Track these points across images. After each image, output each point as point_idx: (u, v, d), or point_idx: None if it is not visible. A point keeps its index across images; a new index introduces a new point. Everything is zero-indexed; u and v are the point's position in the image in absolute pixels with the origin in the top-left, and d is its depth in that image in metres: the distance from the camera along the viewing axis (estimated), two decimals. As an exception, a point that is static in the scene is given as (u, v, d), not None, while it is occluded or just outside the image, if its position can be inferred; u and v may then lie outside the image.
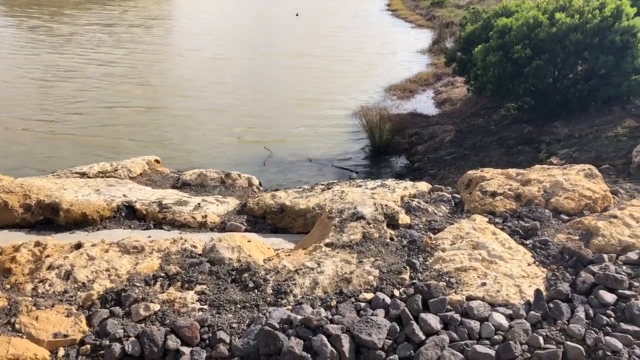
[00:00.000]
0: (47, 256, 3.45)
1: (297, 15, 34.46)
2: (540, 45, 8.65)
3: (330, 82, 16.53)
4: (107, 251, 3.49)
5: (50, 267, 3.31)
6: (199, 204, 4.71)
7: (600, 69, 8.56)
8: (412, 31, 29.13)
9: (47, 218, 4.48)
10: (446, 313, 2.75)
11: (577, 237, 3.46)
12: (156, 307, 2.93)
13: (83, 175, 5.50)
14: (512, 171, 4.48)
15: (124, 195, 4.75)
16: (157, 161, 6.14)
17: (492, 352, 2.52)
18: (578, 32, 8.35)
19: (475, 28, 12.04)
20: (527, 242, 3.48)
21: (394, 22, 33.67)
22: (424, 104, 14.19)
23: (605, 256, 3.18)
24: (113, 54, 19.80)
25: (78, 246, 3.58)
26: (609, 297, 2.81)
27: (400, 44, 24.49)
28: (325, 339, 2.58)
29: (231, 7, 42.25)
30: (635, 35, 8.12)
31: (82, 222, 4.41)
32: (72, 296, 3.08)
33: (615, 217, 3.56)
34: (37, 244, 3.59)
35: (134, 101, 13.86)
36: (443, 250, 3.36)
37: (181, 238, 3.69)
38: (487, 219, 3.78)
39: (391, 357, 2.56)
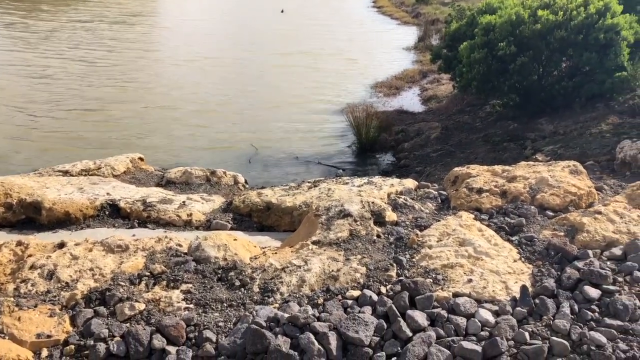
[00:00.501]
0: (30, 256, 3.40)
1: (282, 11, 34.35)
2: (524, 42, 8.70)
3: (316, 80, 16.51)
4: (90, 250, 3.44)
5: (32, 267, 3.26)
6: (184, 202, 4.67)
7: (584, 66, 8.64)
8: (398, 28, 29.18)
9: (29, 217, 4.42)
10: (433, 310, 2.75)
11: (562, 233, 3.48)
12: (141, 306, 2.90)
13: (66, 173, 5.43)
14: (498, 168, 4.50)
15: (108, 194, 4.70)
16: (141, 159, 6.08)
17: (479, 348, 2.52)
18: (562, 29, 8.41)
19: (460, 25, 12.08)
20: (513, 238, 3.49)
21: (379, 19, 33.69)
22: (410, 101, 14.22)
23: (590, 252, 3.20)
24: (95, 51, 19.59)
25: (61, 245, 3.53)
26: (594, 293, 2.83)
27: (386, 41, 24.51)
28: (312, 336, 2.57)
29: (215, 3, 42.02)
30: (618, 33, 8.19)
31: (65, 221, 4.35)
32: (55, 296, 3.03)
33: (599, 213, 3.59)
34: (19, 243, 3.54)
35: (117, 99, 13.72)
36: (430, 247, 3.37)
37: (166, 237, 3.65)
38: (473, 216, 3.79)
39: (378, 354, 2.55)
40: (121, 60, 18.09)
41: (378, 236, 3.56)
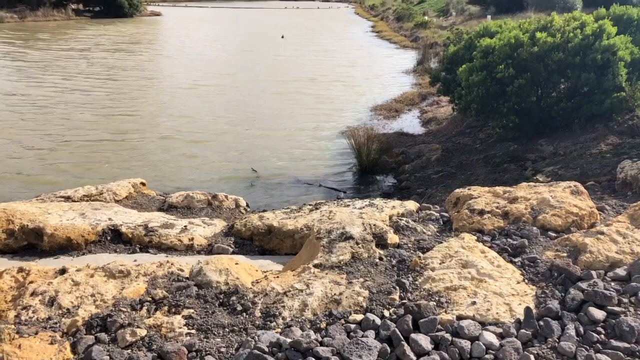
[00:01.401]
0: (31, 282, 3.38)
1: (282, 37, 34.73)
2: (522, 64, 8.77)
3: (316, 103, 16.61)
4: (92, 276, 3.43)
5: (33, 294, 3.24)
6: (185, 226, 4.66)
7: (582, 87, 8.69)
8: (397, 52, 29.47)
9: (31, 243, 4.41)
10: (437, 333, 2.73)
11: (565, 254, 3.47)
12: (143, 332, 2.88)
13: (68, 199, 5.43)
14: (499, 189, 4.50)
15: (110, 219, 4.70)
16: (143, 184, 6.09)
17: (484, 372, 2.50)
18: (560, 51, 8.48)
19: (458, 48, 12.20)
20: (516, 260, 3.47)
21: (378, 43, 34.05)
22: (409, 123, 14.28)
23: (594, 273, 3.18)
24: (94, 80, 19.78)
25: (62, 271, 3.52)
26: (599, 314, 2.81)
27: (385, 64, 24.74)
28: (315, 362, 2.54)
29: (215, 30, 42.51)
30: (615, 53, 8.27)
31: (67, 246, 4.34)
32: (56, 323, 3.01)
33: (602, 233, 3.58)
34: (20, 269, 3.52)
35: (118, 127, 13.80)
36: (432, 269, 3.35)
37: (168, 261, 3.64)
38: (475, 237, 3.78)
39: (382, 379, 2.52)
40: (121, 88, 18.25)
41: (380, 259, 3.55)
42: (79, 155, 11.27)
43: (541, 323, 2.77)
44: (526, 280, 3.24)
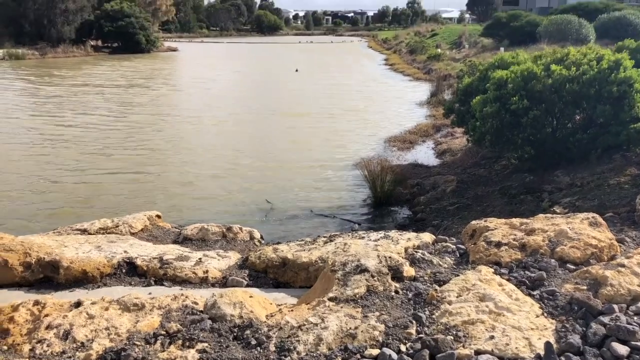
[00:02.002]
0: (46, 315, 3.39)
1: (296, 71, 35.19)
2: (537, 96, 8.78)
3: (330, 135, 16.71)
4: (107, 309, 3.42)
5: (48, 327, 3.24)
6: (200, 259, 4.66)
7: (598, 118, 8.65)
8: (410, 84, 29.68)
9: (47, 276, 4.43)
10: (455, 369, 2.67)
11: (585, 287, 3.40)
12: (156, 366, 2.85)
13: (84, 231, 5.47)
14: (516, 221, 4.45)
15: (125, 252, 4.71)
16: (158, 216, 6.13)
17: (504, 410, 2.43)
18: (574, 83, 8.48)
19: (472, 80, 12.25)
20: (534, 292, 3.41)
21: (392, 75, 34.36)
22: (424, 154, 14.28)
23: (616, 306, 3.11)
24: (112, 113, 20.14)
25: (77, 304, 3.52)
26: (622, 349, 2.73)
27: (398, 96, 24.91)
28: (330, 398, 2.49)
29: (230, 64, 43.24)
30: (631, 85, 8.25)
31: (83, 279, 4.35)
32: (70, 356, 3.00)
33: (623, 266, 3.51)
34: (36, 302, 3.53)
35: (135, 160, 13.97)
36: (449, 302, 3.30)
37: (182, 294, 3.63)
38: (492, 270, 3.72)
39: (399, 416, 2.46)
40: (137, 122, 18.54)
41: (396, 292, 3.50)
42: (96, 189, 11.39)
43: (562, 358, 2.70)
44: (545, 314, 3.17)
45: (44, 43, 47.13)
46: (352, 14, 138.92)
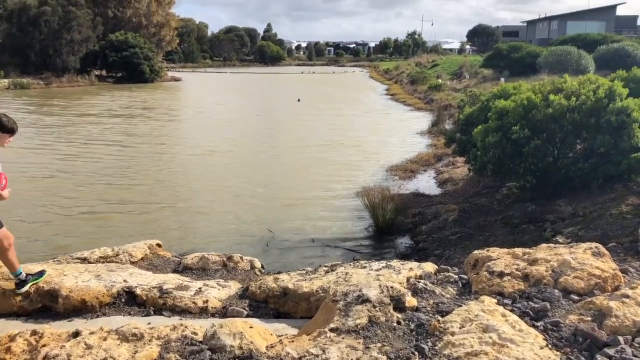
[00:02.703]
0: (43, 345, 3.35)
1: (299, 100, 35.46)
2: (538, 125, 8.82)
3: (331, 164, 16.76)
4: (105, 339, 3.38)
5: (45, 357, 3.20)
6: (200, 288, 4.62)
7: (598, 148, 8.68)
8: (411, 114, 29.88)
9: (46, 305, 4.39)
10: (458, 402, 2.62)
11: (589, 318, 3.36)
12: (154, 399, 2.80)
13: (84, 260, 5.45)
14: (519, 250, 4.42)
15: (125, 281, 4.68)
16: (158, 245, 6.10)
17: None
18: (574, 113, 8.53)
19: (473, 110, 12.33)
20: (538, 324, 3.37)
21: (393, 105, 34.62)
22: (425, 183, 14.28)
23: (621, 338, 3.07)
24: (109, 146, 20.27)
25: (76, 334, 3.48)
26: (628, 383, 2.68)
27: (399, 126, 25.05)
28: None
29: (233, 93, 43.64)
30: (629, 115, 8.29)
31: (81, 309, 4.32)
32: (66, 388, 2.95)
33: (627, 296, 3.47)
34: (34, 332, 3.50)
35: (136, 189, 13.99)
36: (452, 334, 3.25)
37: (181, 324, 3.59)
38: (495, 301, 3.68)
39: None
40: (136, 153, 18.62)
41: (398, 322, 3.46)
42: (96, 217, 11.38)
43: (568, 392, 2.65)
44: (550, 346, 3.13)
45: (49, 73, 47.69)
46: (353, 45, 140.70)
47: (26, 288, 4.42)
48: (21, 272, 4.50)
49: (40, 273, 4.59)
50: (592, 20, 56.14)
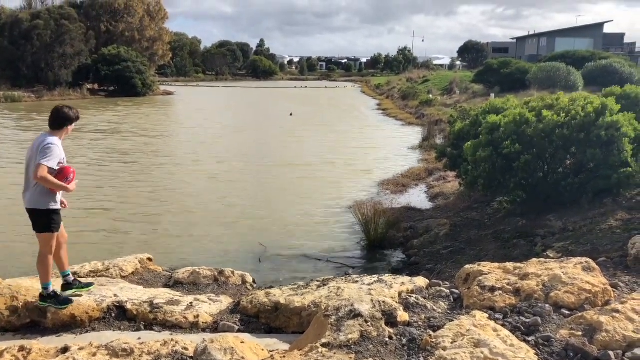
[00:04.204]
0: (32, 361, 3.31)
1: (291, 115, 35.55)
2: (528, 140, 8.89)
3: (323, 178, 16.77)
4: (94, 355, 3.35)
5: (34, 373, 3.16)
6: (191, 303, 4.60)
7: (588, 163, 8.75)
8: (403, 128, 30.03)
9: (34, 320, 4.35)
10: (450, 417, 2.61)
11: (580, 333, 3.37)
12: (144, 415, 2.77)
13: (74, 274, 5.40)
14: (510, 265, 4.44)
15: (115, 295, 4.65)
16: (149, 259, 6.07)
17: None
18: (564, 128, 8.62)
19: (464, 125, 12.42)
20: (530, 338, 3.37)
21: (385, 120, 34.79)
22: (417, 198, 14.31)
23: (611, 353, 3.08)
24: (102, 158, 20.19)
25: (64, 350, 3.45)
26: (620, 398, 2.69)
27: (391, 140, 25.16)
28: None
29: (224, 108, 43.71)
30: (619, 129, 8.38)
31: (71, 324, 4.27)
32: (55, 405, 2.92)
33: (617, 311, 3.49)
34: (22, 348, 3.46)
35: (127, 201, 13.93)
36: (444, 349, 3.25)
37: (172, 339, 3.57)
38: (487, 315, 3.69)
39: None
40: (127, 167, 18.55)
41: (390, 337, 3.45)
42: (87, 231, 11.30)
43: (559, 407, 2.65)
44: (541, 361, 3.13)
45: (40, 86, 47.56)
46: (345, 60, 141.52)
47: (46, 305, 4.45)
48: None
49: (65, 301, 4.56)
50: (581, 38, 56.91)
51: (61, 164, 4.47)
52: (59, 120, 4.59)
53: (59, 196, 4.61)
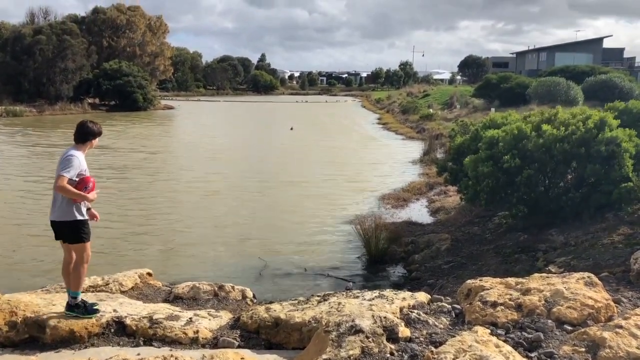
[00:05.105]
0: (30, 377, 3.28)
1: (291, 129, 35.63)
2: (528, 155, 8.89)
3: (323, 193, 16.76)
4: (93, 371, 3.32)
5: (31, 390, 3.13)
6: (191, 318, 4.57)
7: (589, 177, 8.75)
8: (403, 143, 30.09)
9: (33, 336, 4.31)
10: None
11: (583, 349, 3.34)
12: None
13: (73, 289, 5.37)
14: (512, 280, 4.42)
15: (114, 310, 4.62)
16: (149, 274, 6.04)
17: None
18: (564, 142, 8.63)
19: (464, 139, 12.43)
20: (532, 354, 3.35)
21: (385, 134, 34.86)
22: (418, 212, 14.29)
23: (615, 369, 3.05)
24: (102, 174, 20.22)
25: (63, 366, 3.41)
26: (624, 415, 2.66)
27: (391, 155, 25.19)
28: None
29: (224, 123, 43.83)
30: (619, 145, 8.39)
31: (69, 339, 4.24)
32: (52, 422, 2.88)
33: (620, 327, 3.46)
34: (20, 364, 3.42)
35: (126, 217, 13.91)
36: (445, 365, 3.22)
37: (172, 355, 3.54)
38: (489, 331, 3.66)
39: None
40: (128, 181, 18.55)
41: (391, 354, 3.42)
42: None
43: None
44: (544, 378, 3.10)
45: (42, 100, 47.75)
46: (345, 75, 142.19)
47: (73, 314, 4.46)
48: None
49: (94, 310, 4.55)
50: (580, 52, 57.20)
51: (82, 175, 4.60)
52: (83, 135, 4.75)
53: (84, 207, 4.71)
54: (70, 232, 4.63)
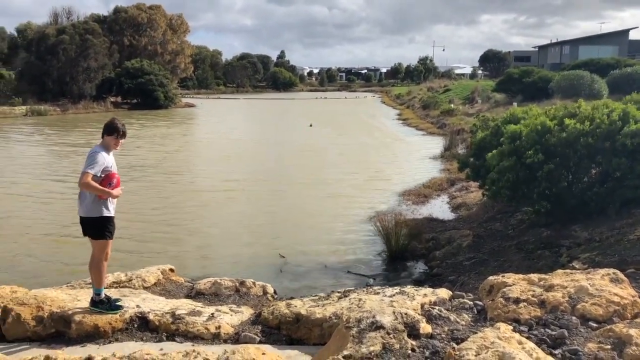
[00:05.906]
0: (56, 371, 3.34)
1: (310, 125, 35.63)
2: (552, 150, 8.77)
3: (344, 190, 16.74)
4: (117, 365, 3.37)
5: (57, 384, 3.19)
6: (212, 314, 4.61)
7: (614, 172, 8.59)
8: (424, 138, 29.91)
9: (59, 331, 4.39)
10: None
11: (609, 347, 3.28)
12: None
13: (98, 285, 5.45)
14: (534, 276, 4.36)
15: (138, 306, 4.68)
16: (171, 270, 6.11)
17: None
18: (588, 137, 8.48)
19: (485, 134, 12.30)
20: (556, 351, 3.30)
21: (405, 130, 34.68)
22: (439, 208, 14.19)
23: (642, 367, 2.99)
24: (122, 173, 20.43)
25: (88, 360, 3.47)
26: (651, 413, 2.61)
27: (412, 151, 25.06)
28: None
29: (246, 120, 44.02)
30: (645, 138, 8.22)
31: (94, 334, 4.31)
32: (78, 415, 2.93)
33: (647, 324, 3.40)
34: (47, 358, 3.49)
35: (148, 215, 14.06)
36: (467, 361, 3.19)
37: (194, 350, 3.57)
38: (511, 327, 3.62)
39: None
40: (147, 178, 18.72)
41: (413, 350, 3.41)
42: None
43: (588, 423, 2.59)
44: (569, 375, 3.06)
45: (65, 99, 48.47)
46: (365, 71, 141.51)
47: (97, 310, 4.53)
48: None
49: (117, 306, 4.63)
50: (605, 45, 56.05)
51: (107, 171, 4.67)
52: (107, 128, 4.85)
53: (111, 204, 4.75)
54: (95, 228, 4.69)
